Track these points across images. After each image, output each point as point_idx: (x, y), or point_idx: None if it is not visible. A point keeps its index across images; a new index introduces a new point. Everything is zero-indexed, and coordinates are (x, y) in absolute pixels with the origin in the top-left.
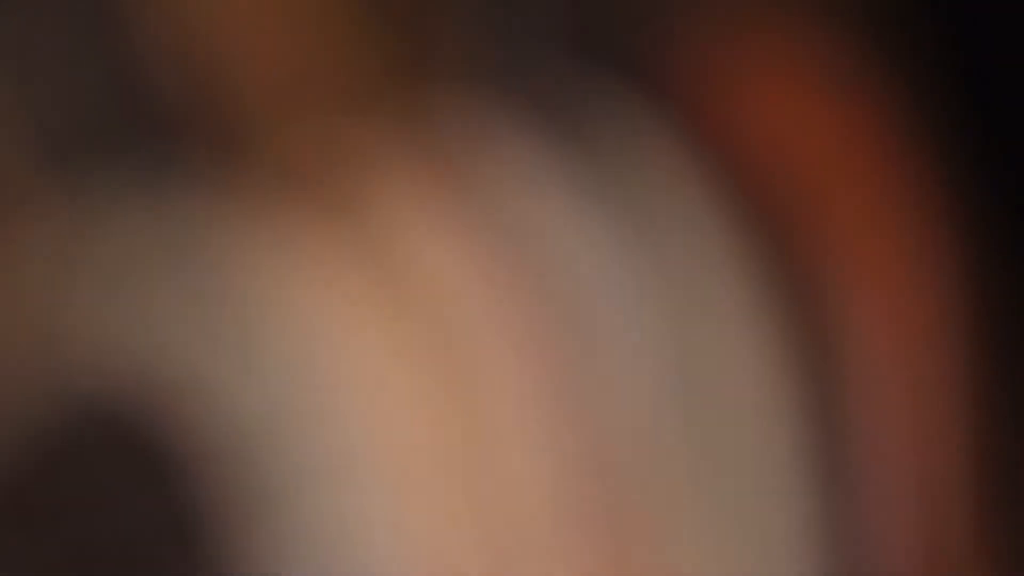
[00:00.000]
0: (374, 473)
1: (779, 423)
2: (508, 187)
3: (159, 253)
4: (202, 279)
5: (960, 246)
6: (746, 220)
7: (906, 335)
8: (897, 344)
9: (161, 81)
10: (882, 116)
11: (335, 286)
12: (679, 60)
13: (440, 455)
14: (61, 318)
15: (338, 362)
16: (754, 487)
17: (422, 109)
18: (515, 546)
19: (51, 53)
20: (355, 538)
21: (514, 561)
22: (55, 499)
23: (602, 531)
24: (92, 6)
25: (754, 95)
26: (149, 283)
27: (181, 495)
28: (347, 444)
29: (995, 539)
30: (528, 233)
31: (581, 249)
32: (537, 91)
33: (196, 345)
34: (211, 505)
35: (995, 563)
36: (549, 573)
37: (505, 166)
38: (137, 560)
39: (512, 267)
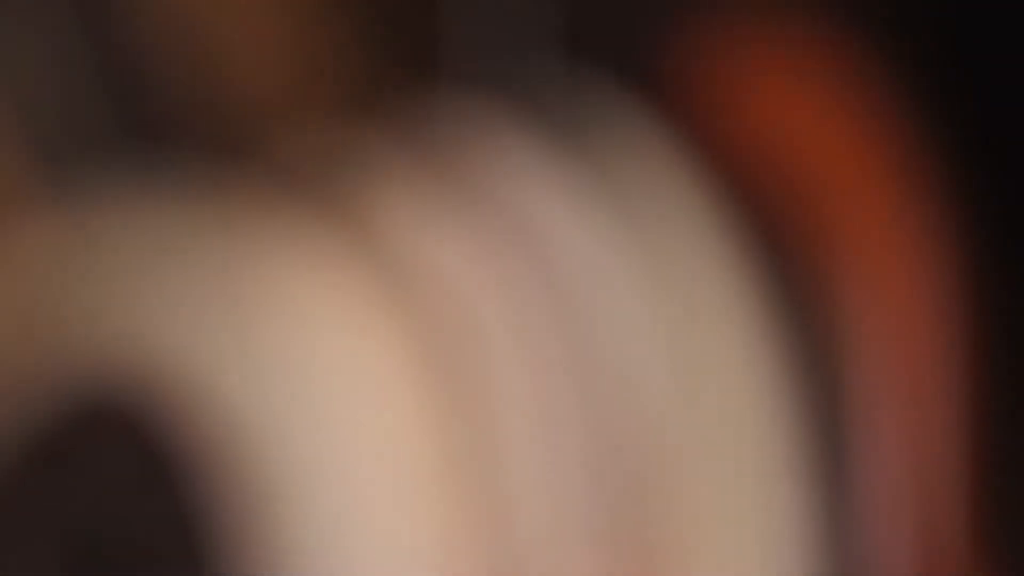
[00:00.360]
0: (375, 473)
1: (778, 423)
2: (508, 188)
3: (158, 253)
4: (202, 278)
5: (961, 246)
6: (746, 221)
7: (907, 335)
8: (897, 344)
9: (159, 81)
10: (883, 117)
11: (335, 285)
12: (680, 61)
13: (441, 454)
14: (61, 317)
15: (339, 361)
16: (752, 488)
17: (422, 110)
18: (515, 546)
19: (48, 53)
20: (355, 538)
21: (516, 563)
22: (54, 498)
23: (601, 533)
24: (90, 6)
25: (754, 97)
26: (149, 282)
27: (181, 494)
28: (348, 443)
29: (995, 539)
30: (528, 234)
31: (582, 250)
32: (538, 92)
33: (196, 344)
34: (211, 504)
35: (995, 564)
36: None
37: (505, 167)
38: (136, 559)
39: (513, 267)
